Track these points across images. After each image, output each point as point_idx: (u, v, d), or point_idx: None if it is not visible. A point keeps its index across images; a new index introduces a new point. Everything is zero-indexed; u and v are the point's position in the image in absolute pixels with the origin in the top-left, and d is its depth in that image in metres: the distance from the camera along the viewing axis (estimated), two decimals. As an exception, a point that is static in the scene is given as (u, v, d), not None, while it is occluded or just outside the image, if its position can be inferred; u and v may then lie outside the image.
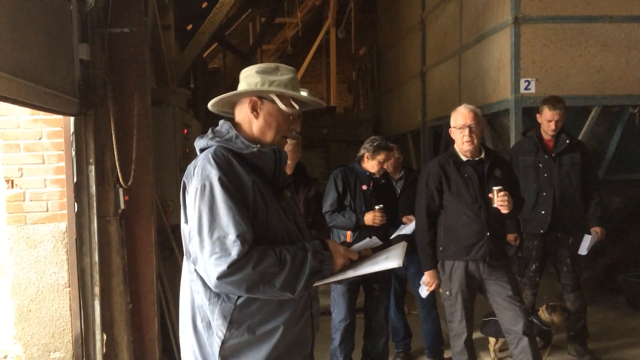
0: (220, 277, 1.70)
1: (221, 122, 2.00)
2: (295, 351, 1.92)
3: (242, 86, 2.00)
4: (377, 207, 3.94)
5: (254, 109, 1.96)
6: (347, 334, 4.07)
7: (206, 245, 1.73)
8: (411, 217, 4.27)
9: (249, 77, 1.98)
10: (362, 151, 4.18)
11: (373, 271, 1.82)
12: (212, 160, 1.80)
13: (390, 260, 1.80)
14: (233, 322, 1.81)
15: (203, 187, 1.77)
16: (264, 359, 1.83)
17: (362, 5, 15.45)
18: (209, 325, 1.84)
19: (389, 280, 4.30)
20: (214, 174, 1.77)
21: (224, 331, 1.81)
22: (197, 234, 1.76)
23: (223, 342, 1.81)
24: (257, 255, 1.71)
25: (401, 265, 1.79)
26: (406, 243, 1.97)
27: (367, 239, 2.02)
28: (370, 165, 4.12)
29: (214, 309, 1.82)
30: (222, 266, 1.69)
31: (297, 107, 1.97)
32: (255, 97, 1.96)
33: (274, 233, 1.84)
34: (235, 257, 1.69)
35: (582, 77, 5.40)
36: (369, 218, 3.94)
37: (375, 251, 1.98)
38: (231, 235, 1.71)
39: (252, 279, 1.70)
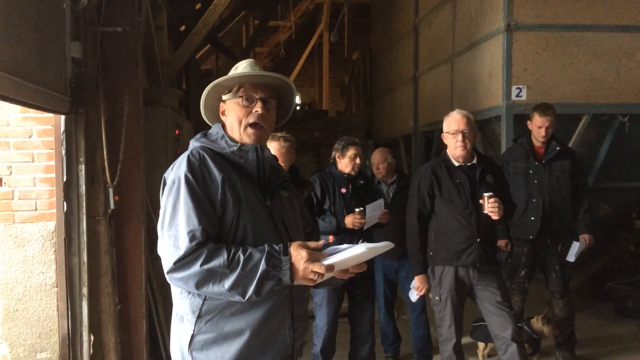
0: (169, 272, 1.75)
1: (215, 124, 2.04)
2: (268, 352, 1.88)
3: None
4: (357, 209, 3.88)
5: (223, 114, 2.01)
6: (328, 339, 4.04)
7: (164, 239, 1.78)
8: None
9: None
10: (333, 153, 4.17)
11: (340, 260, 1.71)
12: (186, 159, 1.84)
13: (357, 247, 1.72)
14: (201, 317, 1.82)
15: (172, 183, 1.83)
16: (233, 356, 1.82)
17: (355, 10, 15.50)
18: (182, 319, 1.88)
19: (372, 286, 4.28)
20: (182, 171, 1.81)
21: (193, 326, 1.83)
22: (160, 227, 1.82)
23: (192, 337, 1.83)
24: (207, 253, 1.71)
25: (364, 251, 1.70)
26: (391, 244, 1.81)
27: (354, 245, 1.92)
28: (344, 164, 4.09)
29: (184, 303, 1.85)
30: (171, 261, 1.73)
31: (239, 88, 1.94)
32: (222, 102, 2.01)
33: (244, 231, 1.83)
34: (182, 253, 1.71)
35: (573, 85, 5.45)
36: (349, 221, 3.88)
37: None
38: (182, 232, 1.74)
39: (199, 277, 1.71)
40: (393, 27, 10.06)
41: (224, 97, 1.99)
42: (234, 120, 1.95)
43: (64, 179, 3.52)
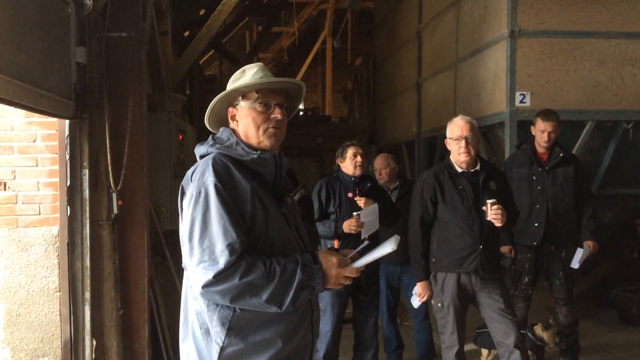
0: (205, 286, 1.69)
1: (222, 129, 2.00)
2: (294, 358, 1.89)
3: None
4: (354, 214, 3.85)
5: (233, 119, 1.98)
6: (332, 345, 4.02)
7: (195, 252, 1.73)
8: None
9: None
10: (336, 160, 4.21)
11: (370, 260, 1.80)
12: (210, 167, 1.79)
13: (385, 246, 1.77)
14: (232, 329, 1.78)
15: (198, 193, 1.77)
16: None
17: (358, 16, 15.54)
18: (207, 332, 1.82)
19: (377, 292, 4.27)
20: (210, 181, 1.76)
21: (223, 338, 1.79)
22: (188, 240, 1.76)
23: (222, 350, 1.79)
24: (245, 266, 1.70)
25: (395, 249, 1.76)
26: (399, 237, 1.87)
27: (365, 243, 1.97)
28: (347, 166, 4.09)
29: (212, 316, 1.80)
30: (209, 275, 1.68)
31: (256, 95, 1.93)
32: (231, 108, 1.98)
33: (272, 240, 1.83)
34: (222, 267, 1.68)
35: (577, 92, 5.44)
36: (346, 225, 3.86)
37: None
38: (220, 245, 1.70)
39: (238, 290, 1.69)
40: (396, 33, 10.07)
41: (242, 103, 1.95)
42: (251, 126, 1.93)
43: (68, 184, 3.52)
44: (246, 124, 1.94)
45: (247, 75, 1.96)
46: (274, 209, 1.88)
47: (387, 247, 1.76)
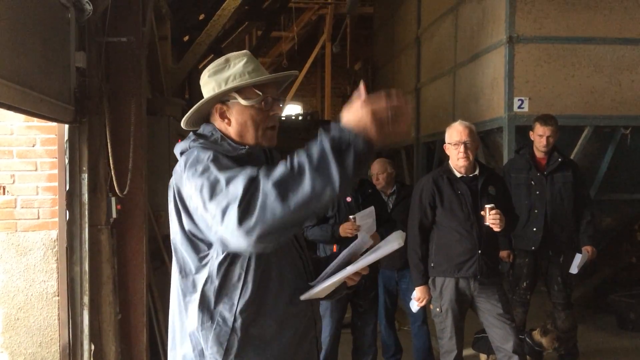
0: (240, 225, 1.37)
1: (203, 125, 1.80)
2: None
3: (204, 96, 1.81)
4: (350, 217, 3.80)
5: (223, 117, 1.76)
6: (331, 351, 4.01)
7: (214, 212, 1.44)
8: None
9: (205, 85, 1.80)
10: None
11: (375, 260, 1.63)
12: (199, 148, 1.62)
13: (392, 243, 1.61)
14: (230, 349, 1.59)
15: (195, 170, 1.55)
16: None
17: (357, 21, 15.57)
18: (201, 355, 1.63)
19: (375, 297, 4.26)
20: (204, 157, 1.56)
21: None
22: (203, 209, 1.49)
23: None
24: (264, 172, 1.41)
25: (402, 244, 1.61)
26: (404, 232, 1.72)
27: (360, 239, 1.76)
28: None
29: (207, 335, 1.60)
30: (233, 210, 1.38)
31: (260, 93, 1.73)
32: (219, 104, 1.75)
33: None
34: (241, 191, 1.39)
35: (574, 97, 5.46)
36: (343, 229, 3.81)
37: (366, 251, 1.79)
38: (235, 182, 1.43)
39: (275, 193, 1.36)
40: (395, 38, 10.10)
41: (241, 100, 1.73)
42: (249, 125, 1.73)
43: (67, 188, 3.52)
44: (243, 122, 1.73)
45: (236, 66, 1.75)
46: None
47: (394, 243, 1.61)
